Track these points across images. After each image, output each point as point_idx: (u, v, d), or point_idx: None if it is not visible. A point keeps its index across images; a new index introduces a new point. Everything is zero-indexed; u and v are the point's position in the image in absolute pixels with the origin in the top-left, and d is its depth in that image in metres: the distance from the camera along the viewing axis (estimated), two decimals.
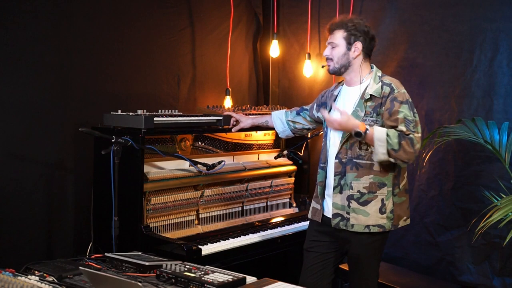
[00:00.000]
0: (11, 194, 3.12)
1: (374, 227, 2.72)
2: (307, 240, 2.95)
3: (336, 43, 2.80)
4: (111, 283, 1.96)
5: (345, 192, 2.74)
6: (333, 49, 2.81)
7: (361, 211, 2.71)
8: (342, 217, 2.75)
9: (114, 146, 2.80)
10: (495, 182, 3.35)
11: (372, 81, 2.76)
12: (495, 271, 3.42)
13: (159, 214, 3.12)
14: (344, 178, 2.75)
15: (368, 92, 2.73)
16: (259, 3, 4.56)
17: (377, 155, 2.63)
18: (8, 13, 3.07)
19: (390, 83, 2.74)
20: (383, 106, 2.70)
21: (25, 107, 3.16)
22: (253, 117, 3.40)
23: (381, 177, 2.72)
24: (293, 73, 4.51)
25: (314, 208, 2.93)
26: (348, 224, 2.73)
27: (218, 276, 2.15)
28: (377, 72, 2.81)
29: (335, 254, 2.88)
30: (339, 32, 2.79)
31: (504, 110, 3.38)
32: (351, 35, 2.77)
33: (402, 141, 2.60)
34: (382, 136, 2.60)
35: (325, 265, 2.87)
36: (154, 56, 3.79)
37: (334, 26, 2.82)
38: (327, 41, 2.85)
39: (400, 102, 2.68)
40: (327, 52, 2.84)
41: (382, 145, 2.59)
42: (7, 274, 2.10)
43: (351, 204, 2.72)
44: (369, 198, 2.72)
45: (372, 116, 2.71)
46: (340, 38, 2.79)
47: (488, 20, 3.43)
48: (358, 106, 2.74)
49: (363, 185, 2.71)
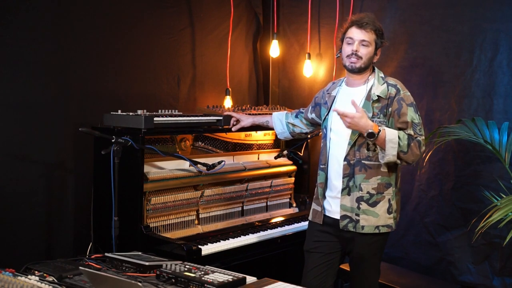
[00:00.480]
0: (11, 194, 3.12)
1: (383, 227, 2.73)
2: (309, 241, 2.92)
3: (370, 42, 2.72)
4: (111, 283, 1.96)
5: (353, 194, 2.73)
6: (365, 47, 2.72)
7: (371, 212, 2.71)
8: (350, 219, 2.74)
9: (114, 146, 2.80)
10: (495, 182, 3.35)
11: (376, 82, 2.75)
12: (495, 271, 3.42)
13: (159, 214, 3.12)
14: (352, 180, 2.73)
15: (375, 93, 2.72)
16: (259, 3, 4.56)
17: (387, 156, 2.63)
18: (8, 13, 3.07)
19: (396, 84, 2.75)
20: (389, 107, 2.70)
21: (25, 107, 3.16)
22: (253, 117, 3.40)
23: (387, 177, 2.74)
24: (293, 73, 4.51)
25: (315, 210, 2.90)
26: (358, 226, 2.72)
27: (218, 276, 2.15)
28: (379, 73, 2.81)
29: (339, 254, 2.86)
30: (372, 32, 2.72)
31: (504, 110, 3.39)
32: (380, 40, 2.74)
33: (411, 144, 2.64)
34: (395, 138, 2.61)
35: (329, 266, 2.84)
36: (154, 56, 3.79)
37: (369, 22, 2.71)
38: (358, 36, 2.71)
39: (407, 104, 2.70)
40: (358, 49, 2.71)
41: (393, 147, 2.61)
42: (7, 274, 2.10)
43: (361, 206, 2.72)
44: (377, 199, 2.72)
45: (379, 117, 2.71)
46: (373, 38, 2.72)
47: (488, 20, 3.43)
48: (365, 107, 2.71)
49: (372, 186, 2.71)
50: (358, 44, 2.72)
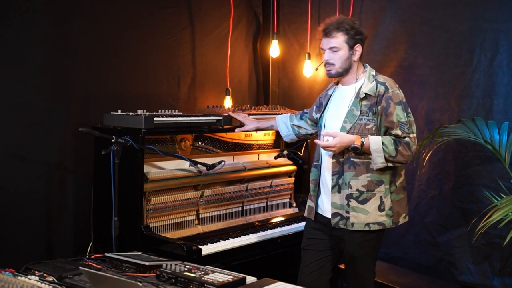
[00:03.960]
0: (11, 194, 3.12)
1: (374, 224, 2.73)
2: (304, 239, 2.97)
3: (338, 47, 2.74)
4: (111, 283, 1.96)
5: (343, 191, 2.75)
6: (335, 53, 2.75)
7: (361, 209, 2.72)
8: (341, 217, 2.76)
9: (114, 146, 2.80)
10: (495, 182, 3.35)
11: (366, 80, 2.77)
12: (495, 271, 3.42)
13: (159, 214, 3.12)
14: (342, 177, 2.75)
15: (363, 91, 2.73)
16: (259, 3, 4.56)
17: (376, 164, 2.68)
18: (8, 12, 3.07)
19: (385, 82, 2.75)
20: (378, 105, 2.71)
21: (25, 107, 3.16)
22: (258, 121, 3.36)
23: (378, 175, 2.73)
24: (293, 73, 4.50)
25: (310, 207, 2.94)
26: (348, 223, 2.74)
27: (218, 276, 2.15)
28: (371, 71, 2.82)
29: (332, 251, 2.89)
30: (339, 35, 2.73)
31: (504, 110, 3.38)
32: (352, 38, 2.74)
33: (399, 147, 2.66)
34: (378, 146, 2.64)
35: (323, 263, 2.88)
36: (154, 56, 3.79)
37: (332, 28, 2.74)
38: (325, 45, 2.77)
39: (395, 102, 2.70)
40: (328, 57, 2.76)
41: (379, 155, 2.65)
42: (7, 274, 2.10)
43: (350, 203, 2.73)
44: (367, 196, 2.72)
45: (368, 115, 2.72)
46: (341, 41, 2.73)
47: (488, 20, 3.43)
48: (353, 105, 2.75)
49: (362, 183, 2.72)
50: (328, 53, 2.77)
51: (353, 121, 2.73)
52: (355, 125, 2.72)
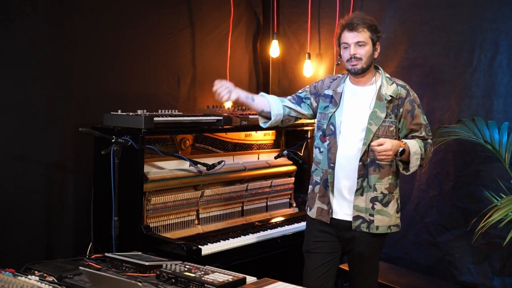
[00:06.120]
0: (11, 194, 3.12)
1: (394, 227, 2.76)
2: (309, 242, 2.87)
3: (365, 41, 2.68)
4: (111, 283, 1.96)
5: (367, 194, 2.70)
6: (362, 48, 2.68)
7: (385, 212, 2.71)
8: (363, 220, 2.70)
9: (114, 146, 2.80)
10: (495, 182, 3.35)
11: (385, 82, 2.74)
12: (495, 271, 3.42)
13: (159, 214, 3.12)
14: (366, 180, 2.71)
15: (387, 93, 2.70)
16: (259, 3, 4.56)
17: (414, 167, 2.67)
18: (8, 13, 3.07)
19: (405, 85, 2.76)
20: (400, 107, 2.70)
21: (25, 107, 3.16)
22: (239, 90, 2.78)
23: (396, 177, 2.76)
24: (293, 73, 4.50)
25: (320, 208, 2.81)
26: (372, 226, 2.70)
27: (218, 276, 2.15)
28: (384, 73, 2.79)
29: (339, 254, 2.85)
30: (365, 30, 2.68)
31: (504, 110, 3.39)
32: (375, 35, 2.71)
33: (427, 149, 2.71)
34: (417, 149, 2.65)
35: (330, 266, 2.82)
36: (154, 56, 3.79)
37: (359, 22, 2.67)
38: (351, 39, 2.67)
39: (417, 105, 2.73)
40: (355, 51, 2.67)
41: (418, 158, 2.66)
42: (7, 274, 2.10)
43: (375, 206, 2.70)
44: (389, 199, 2.73)
45: (391, 118, 2.70)
46: (367, 37, 2.68)
47: (488, 20, 3.43)
48: (377, 107, 2.68)
49: (385, 186, 2.71)
50: (354, 47, 2.69)
51: (379, 123, 2.67)
52: (380, 127, 2.67)
